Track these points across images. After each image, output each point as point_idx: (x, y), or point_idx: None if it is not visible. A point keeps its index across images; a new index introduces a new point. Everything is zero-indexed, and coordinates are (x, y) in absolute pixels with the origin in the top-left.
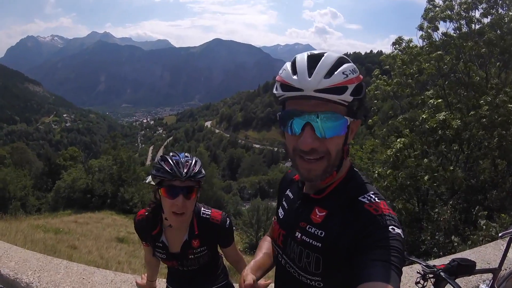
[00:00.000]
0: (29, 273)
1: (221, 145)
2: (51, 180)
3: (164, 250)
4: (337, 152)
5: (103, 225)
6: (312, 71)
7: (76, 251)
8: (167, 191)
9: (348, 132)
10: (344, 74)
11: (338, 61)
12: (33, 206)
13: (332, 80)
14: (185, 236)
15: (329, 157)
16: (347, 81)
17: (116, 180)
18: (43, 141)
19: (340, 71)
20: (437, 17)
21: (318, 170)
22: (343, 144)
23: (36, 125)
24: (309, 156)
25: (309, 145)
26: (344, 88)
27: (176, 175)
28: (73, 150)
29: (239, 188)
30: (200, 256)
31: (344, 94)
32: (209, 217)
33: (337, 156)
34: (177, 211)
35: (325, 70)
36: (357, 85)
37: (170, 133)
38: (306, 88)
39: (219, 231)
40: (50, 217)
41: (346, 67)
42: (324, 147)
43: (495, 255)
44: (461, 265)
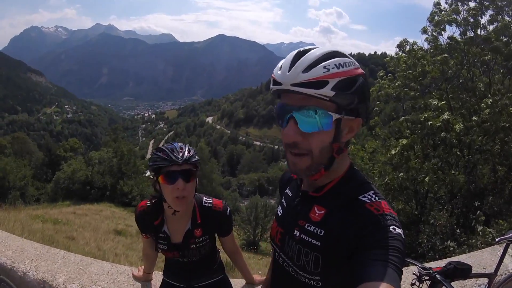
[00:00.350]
0: (26, 262)
1: (222, 141)
2: (51, 170)
3: (165, 241)
4: (322, 149)
5: (101, 217)
6: (293, 65)
7: (74, 242)
8: (165, 177)
9: (338, 129)
10: (325, 68)
11: (324, 56)
12: (32, 196)
13: (310, 74)
14: (187, 225)
15: (311, 155)
16: (328, 75)
17: (116, 173)
18: (44, 131)
19: (322, 65)
20: (444, 21)
21: (302, 165)
22: (331, 141)
23: (37, 116)
24: (292, 149)
25: (290, 138)
26: (323, 82)
27: (172, 159)
28: (74, 141)
29: (238, 184)
30: (202, 246)
31: (323, 89)
32: (211, 205)
33: (322, 154)
34: (179, 195)
35: (305, 65)
36: (342, 80)
37: (171, 127)
38: (284, 82)
39: (221, 219)
40: (49, 208)
41: (331, 62)
42: (307, 143)
43: (491, 260)
44: (457, 268)
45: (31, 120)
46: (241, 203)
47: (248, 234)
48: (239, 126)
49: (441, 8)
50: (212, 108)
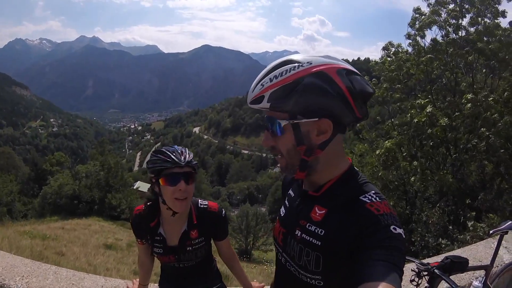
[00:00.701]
0: (17, 279)
1: (210, 151)
2: (37, 185)
3: (161, 244)
4: (288, 151)
5: (90, 232)
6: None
7: (64, 257)
8: (167, 179)
9: (298, 133)
10: (261, 85)
11: (267, 72)
12: (20, 212)
13: (253, 93)
14: (183, 227)
15: (283, 156)
16: (263, 90)
17: (104, 186)
18: (30, 146)
19: (260, 83)
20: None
21: (281, 164)
22: (295, 144)
23: (22, 130)
24: (271, 152)
25: (263, 143)
26: (260, 97)
27: (175, 161)
28: (60, 155)
29: (228, 193)
30: (198, 249)
31: (262, 103)
32: (206, 207)
33: (290, 155)
34: (180, 196)
35: (253, 86)
36: (275, 90)
37: (158, 138)
38: (248, 101)
39: (216, 220)
40: (37, 223)
41: (267, 77)
42: (278, 146)
43: (486, 253)
44: (454, 262)
45: (16, 134)
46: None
47: (240, 243)
48: (226, 136)
49: (421, 12)
50: (198, 118)
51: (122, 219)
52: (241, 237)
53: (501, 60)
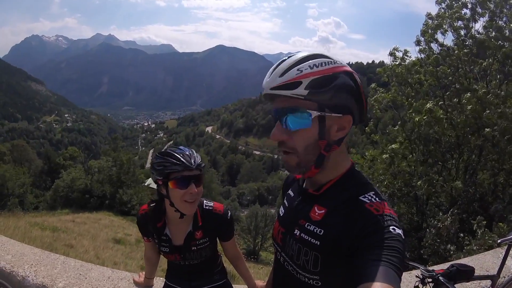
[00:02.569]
0: (25, 267)
1: (221, 151)
2: (50, 179)
3: (167, 243)
4: (306, 146)
5: (100, 226)
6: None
7: (73, 250)
8: (177, 182)
9: (323, 127)
10: (298, 70)
11: (301, 60)
12: (31, 203)
13: (284, 77)
14: (189, 228)
15: (296, 152)
16: (301, 76)
17: (115, 182)
18: (44, 140)
19: (295, 68)
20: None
21: (291, 163)
22: (317, 138)
23: (37, 124)
24: (280, 148)
25: (274, 136)
26: (297, 83)
27: (186, 165)
28: (73, 150)
29: (238, 194)
30: (202, 248)
31: (297, 89)
32: (211, 208)
33: (308, 151)
34: (191, 199)
35: (282, 70)
36: (316, 78)
37: (171, 137)
38: (265, 87)
39: (221, 222)
40: (48, 216)
41: (305, 64)
42: (292, 141)
43: (493, 263)
44: (460, 270)
45: (30, 128)
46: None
47: (248, 243)
48: (238, 136)
49: (433, 17)
50: (211, 118)
51: (132, 215)
52: (250, 237)
53: None
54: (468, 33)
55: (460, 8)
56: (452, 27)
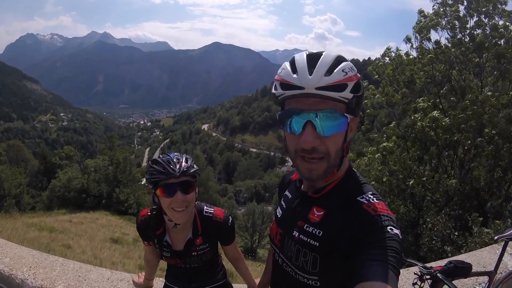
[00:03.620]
0: (24, 270)
1: (218, 149)
2: (46, 178)
3: (168, 249)
4: (337, 151)
5: (97, 225)
6: (312, 69)
7: (70, 250)
8: (164, 190)
9: (348, 130)
10: (343, 71)
11: (336, 60)
12: (28, 204)
13: (332, 77)
14: (189, 235)
15: (328, 157)
16: (347, 78)
17: (112, 181)
18: (40, 139)
19: (340, 68)
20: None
21: (319, 170)
22: (343, 141)
23: (32, 123)
24: (310, 155)
25: (310, 144)
26: (344, 85)
27: (169, 172)
28: (69, 149)
29: (235, 191)
30: (203, 253)
31: (344, 92)
32: (212, 215)
33: (337, 155)
34: (177, 207)
35: (325, 68)
36: (356, 83)
37: (167, 135)
38: (307, 85)
39: (221, 229)
40: (45, 216)
41: (345, 65)
42: (324, 147)
43: (490, 259)
44: (457, 267)
45: (26, 128)
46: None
47: (246, 241)
48: (235, 133)
49: (425, 15)
50: (207, 115)
51: (129, 214)
52: (247, 235)
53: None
54: (463, 30)
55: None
56: (449, 24)
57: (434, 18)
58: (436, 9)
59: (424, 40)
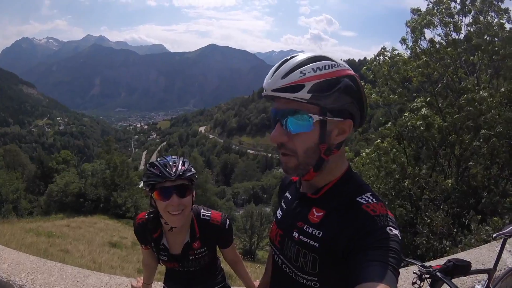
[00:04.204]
0: (22, 275)
1: (215, 151)
2: (43, 183)
3: (165, 252)
4: (307, 149)
5: (95, 230)
6: (275, 73)
7: (69, 255)
8: (159, 193)
9: (323, 131)
10: (301, 73)
11: (304, 61)
12: (25, 209)
13: (287, 79)
14: (186, 238)
15: (296, 155)
16: (304, 79)
17: (109, 185)
18: (36, 144)
19: (298, 70)
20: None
21: (290, 164)
22: (318, 142)
23: (29, 128)
24: (280, 150)
25: (274, 139)
26: (299, 86)
27: (165, 176)
28: (66, 153)
29: (233, 193)
30: (201, 257)
31: (299, 92)
32: (209, 218)
33: (308, 154)
34: (173, 211)
35: (284, 71)
36: (319, 82)
37: (164, 138)
38: (267, 88)
39: (219, 232)
40: (42, 221)
41: (308, 66)
42: (292, 144)
43: (489, 256)
44: (456, 265)
45: (23, 133)
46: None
47: (245, 243)
48: (232, 135)
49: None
50: (204, 117)
51: (127, 218)
52: (246, 237)
53: (503, 57)
54: (458, 29)
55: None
56: (442, 22)
57: (426, 16)
58: (430, 8)
59: (418, 39)
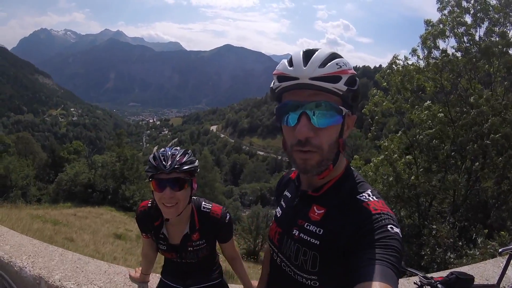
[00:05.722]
0: (23, 258)
1: (225, 150)
2: (53, 172)
3: (165, 242)
4: (330, 144)
5: (102, 221)
6: (308, 61)
7: (73, 243)
8: (155, 184)
9: (343, 125)
10: (337, 65)
11: (331, 55)
12: (34, 196)
13: (326, 69)
14: (186, 229)
15: (321, 151)
16: (341, 71)
17: (118, 177)
18: (49, 133)
19: (334, 62)
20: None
21: (313, 161)
22: (338, 136)
23: (43, 117)
24: (303, 147)
25: (304, 134)
26: (338, 77)
27: (159, 168)
28: (78, 144)
29: (240, 193)
30: (199, 249)
31: (338, 83)
32: (209, 211)
33: (330, 149)
34: (166, 203)
35: (319, 60)
36: (350, 77)
37: (175, 134)
38: (302, 76)
39: (219, 226)
40: (50, 209)
41: (340, 60)
42: (318, 140)
43: (494, 272)
44: (459, 278)
45: (36, 121)
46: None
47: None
48: (243, 136)
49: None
50: (216, 117)
51: (134, 211)
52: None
53: None
54: (471, 39)
55: (462, 13)
56: (453, 32)
57: (439, 26)
58: (443, 18)
59: (432, 49)
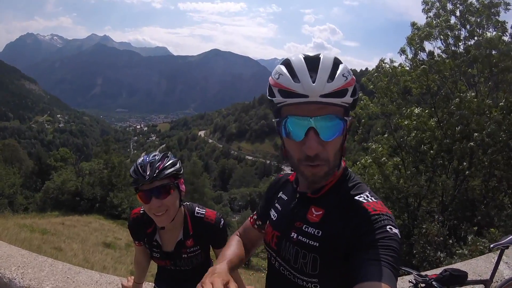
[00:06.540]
0: (12, 269)
1: (214, 155)
2: (40, 180)
3: (158, 249)
4: (335, 154)
5: (90, 229)
6: (314, 75)
7: (62, 253)
8: (141, 196)
9: (345, 132)
10: (344, 76)
11: (334, 63)
12: (21, 205)
13: (335, 84)
14: (179, 236)
15: (329, 163)
16: (347, 83)
17: (106, 185)
18: (35, 140)
19: (340, 73)
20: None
21: (321, 173)
22: (341, 143)
23: (29, 123)
24: (312, 162)
25: (314, 150)
26: (345, 91)
27: (140, 180)
28: (65, 151)
29: (230, 199)
30: (193, 256)
31: (345, 97)
32: (203, 216)
33: (336, 158)
34: (155, 213)
35: (327, 73)
36: (354, 87)
37: (163, 140)
38: (312, 94)
39: (213, 231)
40: (37, 217)
41: (344, 69)
42: (326, 153)
43: (486, 268)
44: (453, 275)
45: (22, 128)
46: (233, 218)
47: None
48: (231, 141)
49: (418, 27)
50: (204, 122)
51: (123, 219)
52: None
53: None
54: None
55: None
56: (442, 35)
57: (426, 29)
58: (429, 21)
59: (418, 50)
